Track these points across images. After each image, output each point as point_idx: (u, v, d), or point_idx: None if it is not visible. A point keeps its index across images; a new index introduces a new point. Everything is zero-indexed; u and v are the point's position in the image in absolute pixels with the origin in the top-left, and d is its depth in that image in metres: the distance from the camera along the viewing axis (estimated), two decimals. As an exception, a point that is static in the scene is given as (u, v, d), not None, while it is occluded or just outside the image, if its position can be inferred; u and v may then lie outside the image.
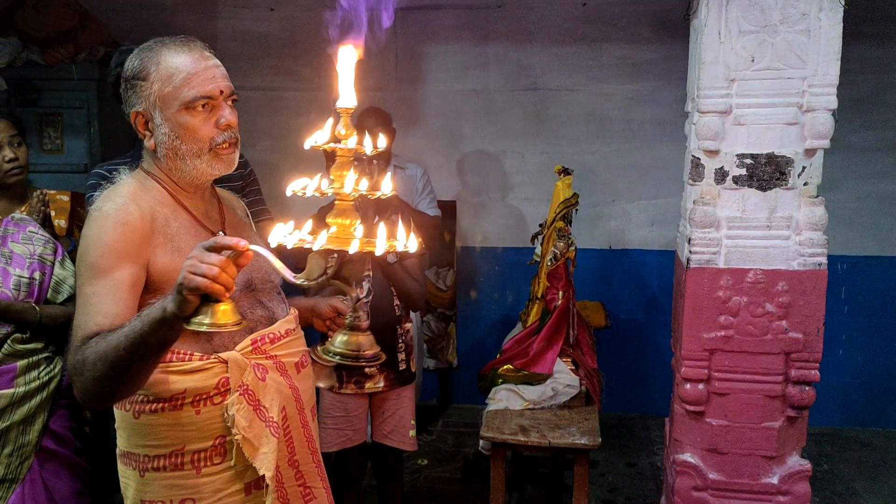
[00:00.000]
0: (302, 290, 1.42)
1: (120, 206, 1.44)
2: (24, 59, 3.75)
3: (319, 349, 1.34)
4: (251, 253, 1.21)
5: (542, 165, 4.22)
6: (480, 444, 2.83)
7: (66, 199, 2.60)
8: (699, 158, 2.36)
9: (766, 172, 2.30)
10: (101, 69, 3.81)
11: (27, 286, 2.30)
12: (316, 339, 1.93)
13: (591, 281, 4.08)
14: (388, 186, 1.25)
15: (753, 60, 2.26)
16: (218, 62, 1.52)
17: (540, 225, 3.06)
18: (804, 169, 2.29)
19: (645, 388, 4.31)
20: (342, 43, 1.20)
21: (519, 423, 2.62)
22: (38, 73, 3.77)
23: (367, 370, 2.61)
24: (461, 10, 4.22)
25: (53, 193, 2.58)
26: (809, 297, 2.31)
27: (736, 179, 2.32)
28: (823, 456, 3.84)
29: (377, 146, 1.26)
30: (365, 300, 2.62)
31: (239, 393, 1.45)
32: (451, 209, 4.41)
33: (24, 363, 2.30)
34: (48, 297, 2.35)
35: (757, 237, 2.33)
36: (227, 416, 1.44)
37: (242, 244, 1.19)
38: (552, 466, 3.48)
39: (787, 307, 2.32)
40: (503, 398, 2.76)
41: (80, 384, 1.33)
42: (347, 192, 1.19)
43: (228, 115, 1.50)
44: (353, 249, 1.14)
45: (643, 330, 4.31)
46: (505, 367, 2.82)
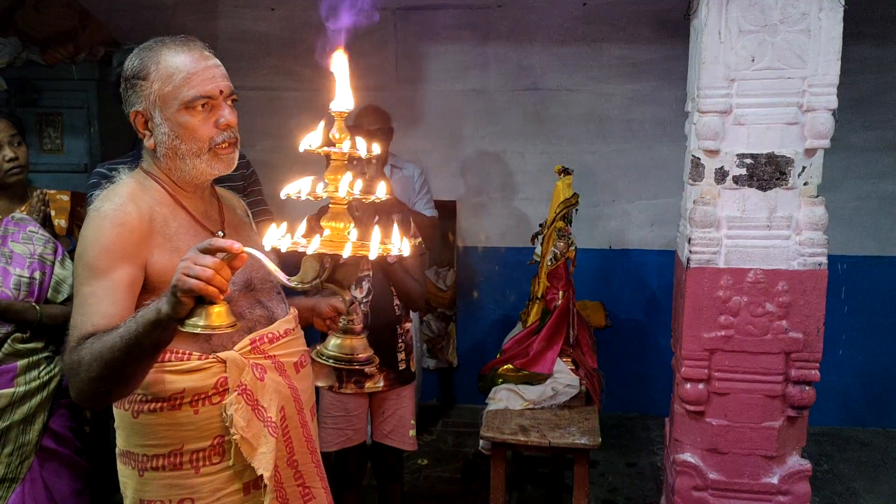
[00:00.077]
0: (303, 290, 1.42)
1: (118, 206, 1.44)
2: (24, 59, 3.75)
3: (317, 350, 1.34)
4: (245, 255, 1.21)
5: (542, 165, 4.22)
6: (480, 443, 2.83)
7: (66, 198, 2.61)
8: (699, 158, 2.36)
9: (766, 172, 2.29)
10: (101, 69, 3.81)
11: (27, 286, 2.30)
12: (316, 338, 1.93)
13: (591, 281, 4.08)
14: (382, 190, 1.25)
15: (753, 60, 2.26)
16: (218, 62, 1.52)
17: (540, 225, 3.05)
18: (804, 169, 2.29)
19: (645, 387, 4.30)
20: (335, 46, 1.20)
21: (519, 422, 2.62)
22: (38, 72, 3.77)
23: (367, 370, 2.61)
24: (461, 9, 4.22)
25: (53, 193, 2.58)
26: (809, 296, 2.31)
27: (736, 179, 2.31)
28: (823, 456, 3.84)
29: (371, 150, 1.26)
30: (365, 300, 2.62)
31: (237, 393, 1.45)
32: (451, 209, 4.40)
33: (24, 363, 2.30)
34: (48, 296, 2.36)
35: (757, 237, 2.32)
36: (225, 415, 1.44)
37: (236, 246, 1.19)
38: (552, 466, 3.48)
39: (787, 307, 2.32)
40: (503, 398, 2.76)
41: (75, 384, 1.33)
42: (341, 196, 1.19)
43: (228, 114, 1.50)
44: (346, 253, 1.14)
45: (643, 330, 4.31)
46: (505, 366, 2.82)
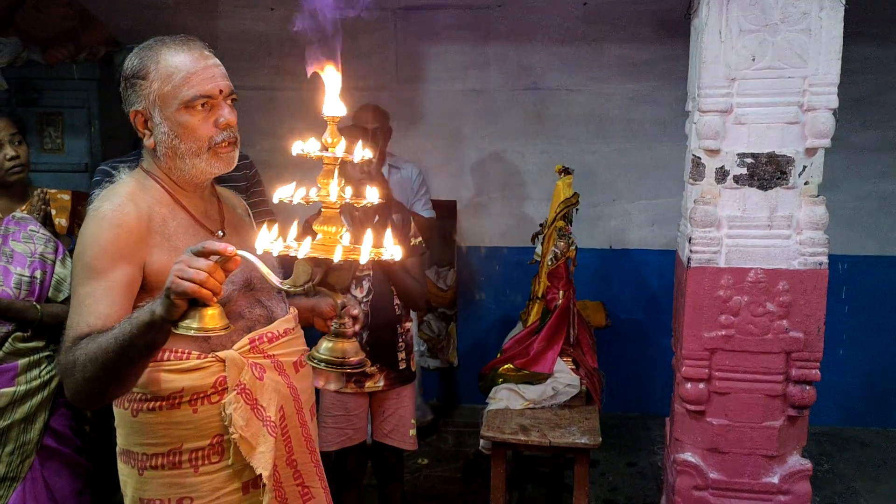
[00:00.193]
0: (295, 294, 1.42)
1: (117, 206, 1.44)
2: (24, 58, 3.75)
3: (309, 353, 1.34)
4: (239, 258, 1.21)
5: (542, 165, 4.22)
6: (481, 443, 2.83)
7: (66, 197, 2.61)
8: (700, 158, 2.36)
9: (766, 172, 2.29)
10: (101, 69, 3.82)
11: (28, 285, 2.30)
12: (316, 338, 1.93)
13: (591, 280, 4.08)
14: (374, 194, 1.25)
15: (754, 59, 2.25)
16: (217, 61, 1.52)
17: (540, 224, 3.05)
18: (805, 168, 2.29)
19: (645, 387, 4.30)
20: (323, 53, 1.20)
21: (519, 422, 2.62)
22: (38, 72, 3.77)
23: (367, 370, 2.61)
24: (461, 9, 4.21)
25: (54, 192, 2.59)
26: (810, 296, 2.31)
27: (737, 179, 2.31)
28: (824, 455, 3.84)
29: (364, 155, 1.26)
30: (365, 299, 2.62)
31: (236, 392, 1.45)
32: (451, 209, 4.40)
33: (25, 361, 2.30)
34: (49, 295, 2.36)
35: (758, 236, 2.32)
36: (224, 414, 1.44)
37: (230, 249, 1.19)
38: (553, 466, 3.47)
39: (787, 306, 2.32)
40: (503, 398, 2.76)
41: (70, 384, 1.34)
42: (333, 200, 1.19)
43: (227, 114, 1.50)
44: (337, 258, 1.15)
45: (643, 329, 4.31)
46: (505, 366, 2.82)
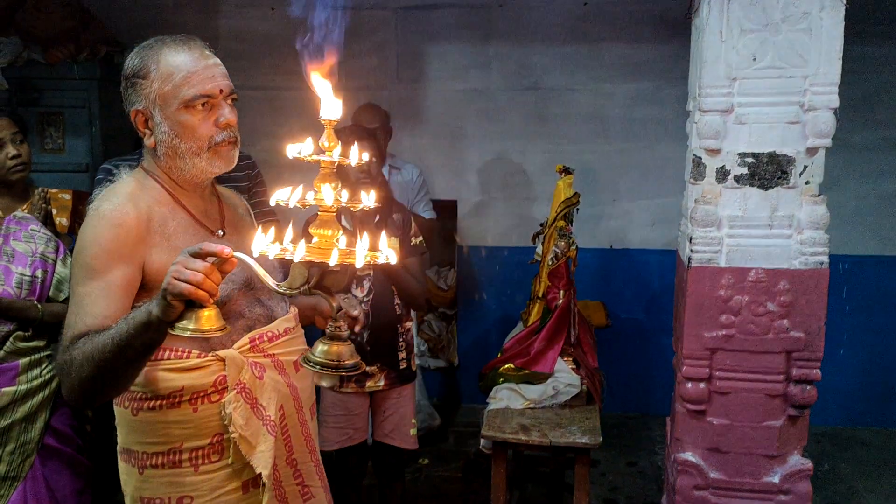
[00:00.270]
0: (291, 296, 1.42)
1: (116, 206, 1.44)
2: (25, 58, 3.76)
3: (304, 356, 1.34)
4: (236, 260, 1.21)
5: (543, 165, 4.21)
6: (481, 443, 2.82)
7: (67, 197, 2.61)
8: (700, 157, 2.35)
9: (767, 171, 2.29)
10: (102, 68, 3.82)
11: (29, 284, 2.31)
12: (318, 337, 1.93)
13: (592, 280, 4.08)
14: (371, 198, 1.26)
15: (755, 59, 2.25)
16: (218, 61, 1.52)
17: (541, 224, 3.05)
18: (806, 168, 2.28)
19: (646, 387, 4.30)
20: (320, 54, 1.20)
21: (520, 422, 2.62)
22: (39, 72, 3.77)
23: (367, 369, 2.61)
24: (462, 9, 4.22)
25: (55, 192, 2.59)
26: (811, 296, 2.31)
27: (737, 178, 2.31)
28: (825, 455, 3.84)
29: (362, 158, 1.26)
30: (366, 299, 2.62)
31: (236, 391, 1.45)
32: (451, 209, 4.40)
33: (26, 361, 2.31)
34: (50, 295, 2.36)
35: (758, 236, 2.32)
36: (224, 414, 1.44)
37: (227, 251, 1.19)
38: (553, 465, 3.47)
39: (788, 306, 2.32)
40: (504, 397, 2.75)
41: (67, 384, 1.34)
42: (329, 204, 1.20)
43: (228, 113, 1.50)
44: (332, 261, 1.15)
45: (644, 329, 4.30)
46: (506, 366, 2.81)
